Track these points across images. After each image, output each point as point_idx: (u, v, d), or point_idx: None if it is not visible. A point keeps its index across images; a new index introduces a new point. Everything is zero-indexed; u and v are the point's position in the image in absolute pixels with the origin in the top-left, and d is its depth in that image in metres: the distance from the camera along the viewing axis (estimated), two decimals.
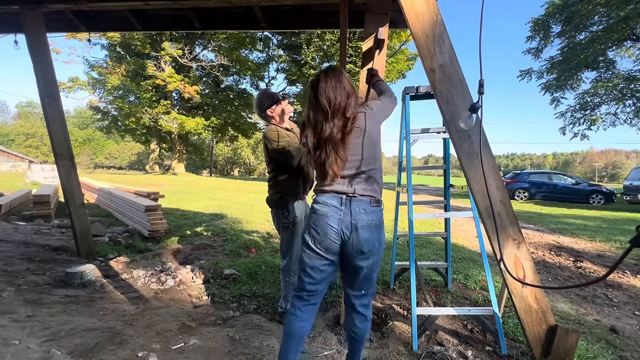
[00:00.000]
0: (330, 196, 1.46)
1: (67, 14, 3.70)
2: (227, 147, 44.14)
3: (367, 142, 1.48)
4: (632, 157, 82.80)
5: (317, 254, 1.47)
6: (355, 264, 1.48)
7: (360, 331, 1.60)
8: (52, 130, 3.65)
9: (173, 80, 21.67)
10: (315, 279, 1.49)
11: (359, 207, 1.44)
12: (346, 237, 1.43)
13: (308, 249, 1.48)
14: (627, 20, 13.30)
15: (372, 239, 1.46)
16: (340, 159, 1.42)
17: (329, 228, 1.43)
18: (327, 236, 1.43)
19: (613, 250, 5.20)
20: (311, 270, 1.48)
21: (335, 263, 1.51)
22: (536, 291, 1.90)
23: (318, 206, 1.47)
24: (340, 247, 1.46)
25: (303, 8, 3.47)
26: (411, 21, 1.89)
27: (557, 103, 17.68)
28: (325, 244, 1.44)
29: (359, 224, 1.43)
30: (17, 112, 61.80)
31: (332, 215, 1.43)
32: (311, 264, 1.48)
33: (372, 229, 1.46)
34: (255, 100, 2.55)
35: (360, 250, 1.45)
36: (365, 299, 1.59)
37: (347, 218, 1.43)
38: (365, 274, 1.51)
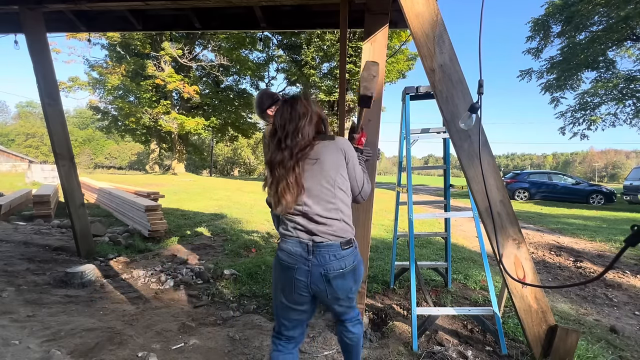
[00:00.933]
0: (294, 244, 1.32)
1: (67, 14, 3.69)
2: (227, 147, 44.13)
3: (328, 174, 1.32)
4: (632, 157, 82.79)
5: (288, 307, 1.37)
6: (334, 306, 1.41)
7: (355, 335, 1.54)
8: (52, 130, 3.65)
9: (173, 80, 21.66)
10: (289, 327, 1.42)
11: (327, 255, 1.29)
12: (318, 289, 1.31)
13: (278, 300, 1.39)
14: (627, 20, 13.30)
15: (348, 286, 1.35)
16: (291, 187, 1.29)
17: (297, 282, 1.30)
18: (295, 291, 1.32)
19: (613, 251, 5.19)
20: (285, 319, 1.41)
21: (310, 309, 1.42)
22: (536, 291, 1.90)
23: (283, 255, 1.33)
24: (312, 297, 1.36)
25: (303, 8, 3.47)
26: (411, 21, 1.89)
27: (556, 103, 17.70)
28: (295, 299, 1.34)
29: (330, 274, 1.29)
30: (17, 112, 61.80)
31: (298, 268, 1.30)
32: (283, 314, 1.40)
33: (347, 276, 1.33)
34: (255, 100, 2.55)
35: (336, 297, 1.34)
36: (352, 312, 1.52)
37: (317, 269, 1.29)
38: (346, 306, 1.44)
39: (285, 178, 1.29)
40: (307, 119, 1.35)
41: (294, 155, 1.30)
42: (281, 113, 1.36)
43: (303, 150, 1.32)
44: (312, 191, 1.31)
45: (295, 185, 1.29)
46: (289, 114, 1.34)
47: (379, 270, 3.66)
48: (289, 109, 1.35)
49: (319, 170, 1.32)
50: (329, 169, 1.33)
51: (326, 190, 1.32)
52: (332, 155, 1.34)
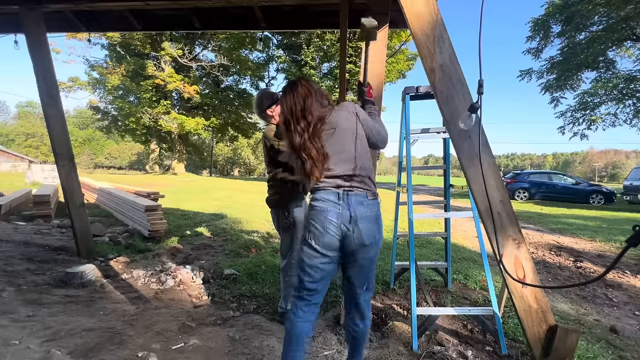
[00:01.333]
0: (327, 192, 1.47)
1: (67, 14, 3.70)
2: (227, 147, 44.15)
3: (345, 139, 1.50)
4: (632, 157, 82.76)
5: (316, 252, 1.46)
6: (357, 257, 1.48)
7: (360, 330, 1.60)
8: (52, 130, 3.65)
9: (173, 80, 21.68)
10: (314, 278, 1.49)
11: (356, 201, 1.45)
12: (347, 231, 1.44)
13: (308, 247, 1.48)
14: (627, 20, 13.30)
15: (373, 231, 1.48)
16: (317, 162, 1.44)
17: (328, 223, 1.43)
18: (327, 231, 1.43)
19: (613, 251, 5.19)
20: (310, 269, 1.48)
21: (335, 261, 1.51)
22: (536, 291, 1.90)
23: (316, 202, 1.48)
24: (340, 242, 1.46)
25: (303, 8, 3.47)
26: (411, 21, 1.89)
27: (556, 103, 17.71)
28: (326, 240, 1.44)
29: (358, 216, 1.44)
30: (17, 112, 61.77)
31: (331, 210, 1.44)
32: (310, 263, 1.48)
33: (372, 221, 1.47)
34: (255, 99, 2.55)
35: (362, 243, 1.45)
36: (367, 294, 1.59)
37: (346, 212, 1.44)
38: (367, 267, 1.53)
39: (309, 157, 1.45)
40: (312, 98, 1.49)
41: (310, 134, 1.45)
42: (286, 99, 1.50)
43: (316, 126, 1.46)
44: (337, 155, 1.48)
45: (320, 158, 1.45)
46: (293, 98, 1.48)
47: (379, 270, 3.66)
48: (292, 94, 1.49)
49: (339, 137, 1.49)
50: (348, 133, 1.50)
51: (348, 152, 1.49)
52: (345, 120, 1.51)
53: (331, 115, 1.50)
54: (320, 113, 1.48)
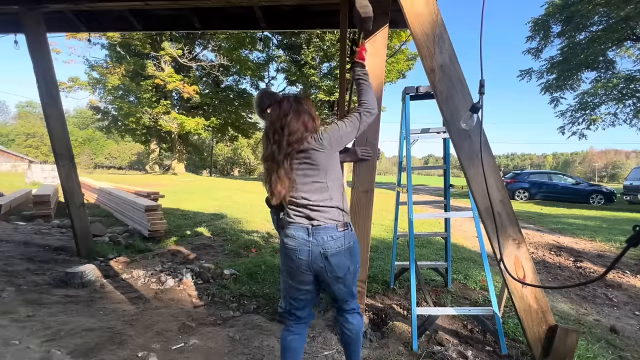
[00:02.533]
0: (296, 228, 1.48)
1: (67, 14, 3.69)
2: (227, 147, 44.12)
3: (317, 170, 1.47)
4: (632, 157, 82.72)
5: (295, 287, 1.53)
6: (333, 287, 1.52)
7: (354, 327, 1.62)
8: (52, 130, 3.65)
9: (173, 80, 21.66)
10: (297, 306, 1.57)
11: (325, 236, 1.45)
12: (319, 267, 1.46)
13: (286, 283, 1.55)
14: (627, 20, 13.29)
15: (345, 264, 1.48)
16: (281, 180, 1.44)
17: (300, 262, 1.46)
18: (299, 269, 1.47)
19: (613, 251, 5.19)
20: (292, 300, 1.56)
21: (315, 289, 1.56)
22: (536, 291, 1.90)
23: (287, 240, 1.50)
24: (314, 277, 1.50)
25: (303, 8, 3.47)
26: (411, 21, 1.89)
27: (556, 103, 17.71)
28: (300, 278, 1.49)
29: (328, 252, 1.44)
30: (17, 112, 61.74)
31: (301, 249, 1.46)
32: (291, 294, 1.55)
33: (343, 255, 1.48)
34: (255, 99, 2.54)
35: (335, 276, 1.48)
36: (351, 304, 1.62)
37: (316, 248, 1.45)
38: (345, 291, 1.55)
39: (275, 170, 1.46)
40: (293, 116, 1.46)
41: (283, 149, 1.44)
42: (271, 111, 1.53)
43: (291, 145, 1.44)
44: (308, 186, 1.47)
45: (285, 177, 1.44)
46: (277, 112, 1.49)
47: (379, 270, 3.66)
48: (277, 108, 1.50)
49: (313, 169, 1.47)
50: (322, 168, 1.48)
51: (320, 185, 1.48)
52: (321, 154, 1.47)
53: (309, 145, 1.46)
54: (299, 135, 1.45)
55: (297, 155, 1.46)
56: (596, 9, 14.13)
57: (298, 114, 1.47)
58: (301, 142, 1.45)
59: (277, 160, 1.45)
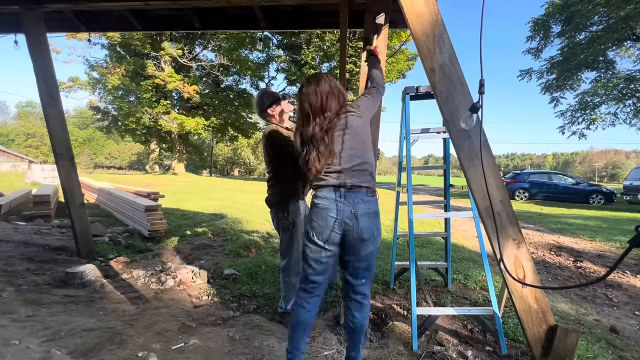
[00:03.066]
0: (328, 190, 1.55)
1: (67, 14, 3.69)
2: (227, 147, 44.13)
3: (354, 138, 1.58)
4: (632, 157, 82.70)
5: (318, 247, 1.56)
6: (356, 251, 1.56)
7: (359, 321, 1.64)
8: (52, 130, 3.65)
9: (173, 80, 21.67)
10: (317, 270, 1.59)
11: (356, 198, 1.54)
12: (347, 226, 1.52)
13: (310, 242, 1.58)
14: (627, 20, 13.29)
15: (372, 226, 1.56)
16: (322, 155, 1.54)
17: (330, 219, 1.52)
18: (328, 227, 1.52)
19: (613, 251, 5.20)
20: (314, 262, 1.58)
21: (336, 254, 1.60)
22: (536, 291, 1.90)
23: (318, 200, 1.56)
24: (341, 237, 1.55)
25: (303, 8, 3.46)
26: (411, 21, 1.89)
27: (556, 103, 17.71)
28: (327, 235, 1.53)
29: (358, 212, 1.52)
30: (17, 112, 61.75)
31: (332, 207, 1.53)
32: (313, 257, 1.58)
33: (371, 217, 1.56)
34: (256, 99, 2.55)
35: (361, 238, 1.53)
36: (365, 287, 1.65)
37: (347, 208, 1.52)
38: (366, 261, 1.60)
39: (316, 149, 1.54)
40: (330, 96, 1.59)
41: (323, 129, 1.55)
42: (309, 92, 1.59)
43: (330, 122, 1.56)
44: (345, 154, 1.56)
45: (326, 153, 1.54)
46: (315, 92, 1.58)
47: (379, 270, 3.66)
48: (314, 87, 1.59)
49: (350, 139, 1.57)
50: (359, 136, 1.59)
51: (356, 153, 1.57)
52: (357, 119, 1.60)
53: (344, 115, 1.59)
54: (336, 110, 1.58)
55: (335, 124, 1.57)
56: (596, 9, 14.14)
57: (333, 93, 1.59)
58: (338, 117, 1.58)
59: (318, 139, 1.54)
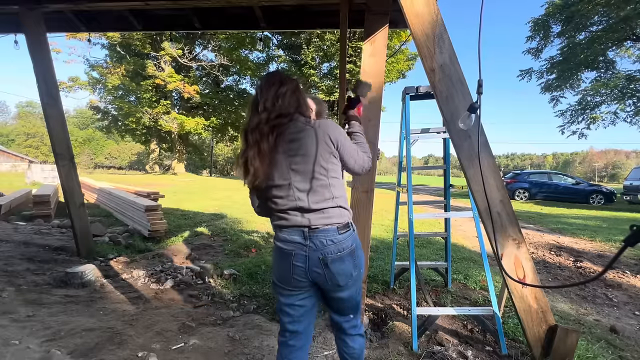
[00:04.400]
0: (291, 231, 1.29)
1: (67, 14, 3.70)
2: (227, 147, 44.12)
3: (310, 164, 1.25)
4: (632, 157, 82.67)
5: (289, 292, 1.34)
6: (335, 296, 1.34)
7: (356, 351, 1.45)
8: (52, 130, 3.65)
9: (173, 80, 21.67)
10: (294, 317, 1.36)
11: (325, 239, 1.26)
12: (317, 275, 1.28)
13: (279, 288, 1.36)
14: (627, 20, 13.29)
15: (347, 270, 1.30)
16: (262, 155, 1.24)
17: (295, 268, 1.28)
18: (294, 276, 1.29)
19: (613, 251, 5.19)
20: (288, 308, 1.35)
21: (313, 295, 1.37)
22: (536, 291, 1.90)
23: (280, 244, 1.32)
24: (311, 283, 1.31)
25: (303, 8, 3.47)
26: (411, 21, 1.89)
27: (556, 102, 17.73)
28: (296, 284, 1.31)
29: (328, 258, 1.26)
30: (17, 112, 61.73)
31: (297, 254, 1.27)
32: (286, 302, 1.35)
33: (345, 259, 1.29)
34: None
35: (337, 284, 1.30)
36: (355, 320, 1.44)
37: (314, 254, 1.26)
38: (349, 302, 1.37)
39: (258, 144, 1.25)
40: (289, 88, 1.32)
41: (270, 120, 1.26)
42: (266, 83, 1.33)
43: (280, 117, 1.27)
44: (303, 183, 1.26)
45: (267, 154, 1.24)
46: (267, 81, 1.33)
47: (379, 270, 3.66)
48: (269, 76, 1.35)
49: (306, 160, 1.25)
50: (318, 159, 1.25)
51: (317, 180, 1.26)
52: (318, 143, 1.25)
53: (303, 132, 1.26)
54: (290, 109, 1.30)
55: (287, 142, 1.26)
56: (596, 9, 14.13)
57: (295, 91, 1.34)
58: (291, 119, 1.28)
59: (263, 132, 1.25)
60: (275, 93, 1.29)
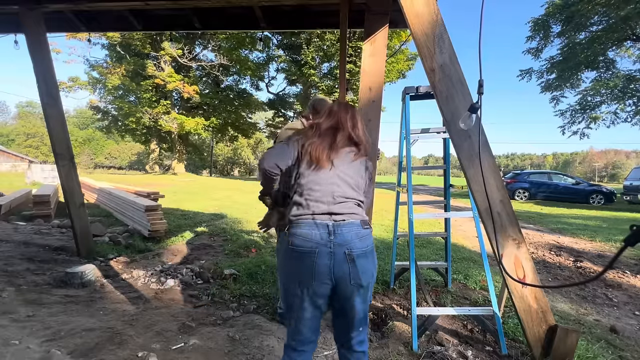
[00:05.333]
0: (312, 226, 1.21)
1: (67, 14, 3.69)
2: (227, 147, 44.14)
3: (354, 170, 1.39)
4: (632, 157, 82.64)
5: (306, 304, 1.24)
6: (353, 301, 1.25)
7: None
8: (52, 130, 3.65)
9: (173, 80, 21.67)
10: (306, 324, 1.29)
11: (351, 233, 1.22)
12: (342, 274, 1.20)
13: (293, 297, 1.25)
14: (627, 20, 13.30)
15: (371, 269, 1.27)
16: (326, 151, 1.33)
17: (318, 267, 1.18)
18: (316, 278, 1.19)
19: (613, 251, 5.19)
20: (300, 324, 1.28)
21: (327, 302, 1.30)
22: (536, 291, 1.90)
23: (298, 241, 1.21)
24: (333, 287, 1.24)
25: (303, 8, 3.47)
26: (411, 21, 1.89)
27: (556, 102, 17.74)
28: (316, 289, 1.21)
29: (354, 253, 1.20)
30: (17, 112, 61.73)
31: (319, 251, 1.18)
32: (300, 315, 1.26)
33: (369, 257, 1.26)
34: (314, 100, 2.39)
35: (359, 284, 1.23)
36: (363, 334, 1.36)
37: (340, 249, 1.19)
38: (363, 310, 1.31)
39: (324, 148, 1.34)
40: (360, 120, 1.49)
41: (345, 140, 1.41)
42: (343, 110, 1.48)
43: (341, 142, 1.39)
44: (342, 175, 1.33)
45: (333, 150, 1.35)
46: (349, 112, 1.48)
47: (379, 270, 3.65)
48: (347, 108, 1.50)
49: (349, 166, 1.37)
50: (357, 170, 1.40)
51: (353, 179, 1.36)
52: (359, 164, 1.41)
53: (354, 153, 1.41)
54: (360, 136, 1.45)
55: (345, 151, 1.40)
56: (596, 9, 14.13)
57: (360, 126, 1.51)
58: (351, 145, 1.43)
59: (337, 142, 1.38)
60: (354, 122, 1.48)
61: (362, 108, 2.34)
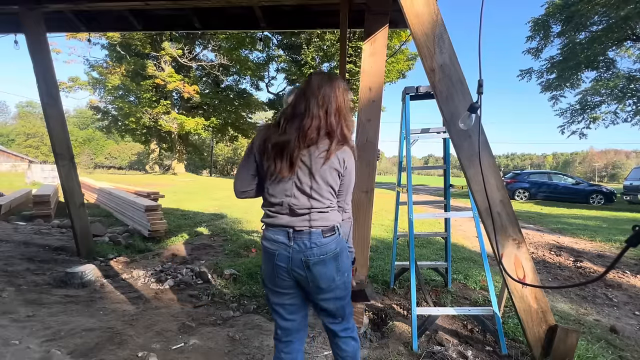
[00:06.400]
0: (276, 231, 1.31)
1: (67, 14, 3.69)
2: (227, 147, 44.15)
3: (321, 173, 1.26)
4: (632, 157, 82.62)
5: (276, 292, 1.35)
6: (319, 299, 1.34)
7: (349, 354, 1.44)
8: (52, 130, 3.65)
9: (173, 80, 21.68)
10: (284, 315, 1.38)
11: (308, 241, 1.26)
12: (299, 276, 1.29)
13: (267, 287, 1.38)
14: (627, 20, 13.29)
15: (329, 273, 1.29)
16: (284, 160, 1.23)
17: (277, 267, 1.29)
18: (278, 276, 1.30)
19: (613, 251, 5.19)
20: (278, 307, 1.37)
21: (301, 295, 1.38)
22: (536, 291, 1.90)
23: (266, 243, 1.34)
24: (295, 283, 1.33)
25: (303, 8, 3.47)
26: (411, 21, 1.89)
27: (556, 102, 17.75)
28: (280, 283, 1.32)
29: (310, 260, 1.26)
30: (17, 112, 61.73)
31: (280, 254, 1.28)
32: (276, 301, 1.37)
33: (327, 263, 1.28)
34: None
35: (318, 286, 1.30)
36: (345, 323, 1.43)
37: (297, 255, 1.26)
38: (334, 305, 1.36)
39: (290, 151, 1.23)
40: (338, 97, 1.37)
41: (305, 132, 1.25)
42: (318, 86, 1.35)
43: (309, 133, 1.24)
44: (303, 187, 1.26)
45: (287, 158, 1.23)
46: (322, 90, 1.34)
47: (379, 270, 3.66)
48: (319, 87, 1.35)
49: (316, 170, 1.25)
50: (326, 173, 1.26)
51: (318, 186, 1.26)
52: (328, 167, 1.26)
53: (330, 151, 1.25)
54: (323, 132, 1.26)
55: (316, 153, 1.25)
56: (596, 9, 14.13)
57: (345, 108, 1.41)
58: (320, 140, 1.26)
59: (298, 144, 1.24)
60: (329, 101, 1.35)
61: (362, 108, 2.34)
